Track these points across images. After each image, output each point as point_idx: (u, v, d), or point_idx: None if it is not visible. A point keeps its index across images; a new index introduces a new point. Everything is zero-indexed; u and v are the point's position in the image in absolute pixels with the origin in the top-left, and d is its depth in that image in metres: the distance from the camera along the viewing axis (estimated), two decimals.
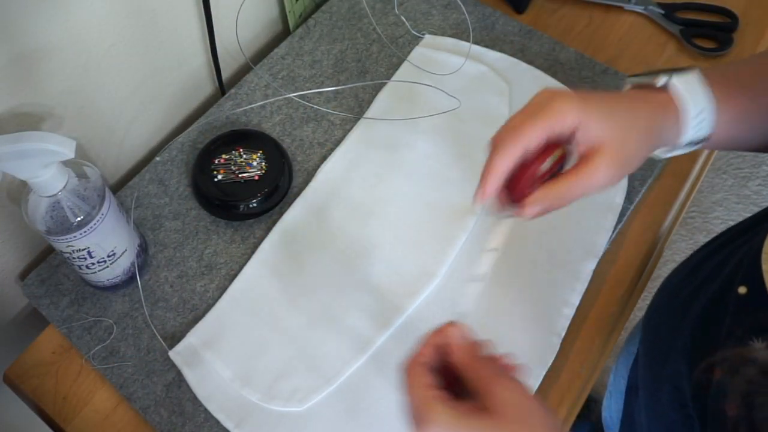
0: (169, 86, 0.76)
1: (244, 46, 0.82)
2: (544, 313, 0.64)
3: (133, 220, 0.66)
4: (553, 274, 0.66)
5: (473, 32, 0.84)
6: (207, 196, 0.70)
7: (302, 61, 0.82)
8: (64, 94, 0.63)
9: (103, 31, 0.63)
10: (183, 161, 0.74)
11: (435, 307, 0.65)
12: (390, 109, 0.77)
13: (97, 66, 0.64)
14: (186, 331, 0.64)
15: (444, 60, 0.81)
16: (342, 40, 0.84)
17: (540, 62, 0.81)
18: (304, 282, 0.66)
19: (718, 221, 1.26)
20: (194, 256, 0.69)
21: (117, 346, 0.64)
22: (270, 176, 0.71)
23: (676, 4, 0.86)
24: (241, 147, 0.72)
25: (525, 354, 0.62)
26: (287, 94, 0.79)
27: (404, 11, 0.86)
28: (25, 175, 0.51)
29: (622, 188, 0.72)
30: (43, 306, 0.66)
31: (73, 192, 0.55)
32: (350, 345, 0.63)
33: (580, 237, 0.68)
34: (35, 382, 0.64)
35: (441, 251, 0.68)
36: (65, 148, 0.50)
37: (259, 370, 0.62)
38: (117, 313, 0.66)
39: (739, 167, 1.15)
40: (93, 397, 0.63)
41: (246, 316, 0.64)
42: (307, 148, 0.76)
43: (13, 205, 0.63)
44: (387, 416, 0.60)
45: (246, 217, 0.70)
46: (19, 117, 0.59)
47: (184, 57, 0.76)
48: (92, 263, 0.61)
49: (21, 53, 0.56)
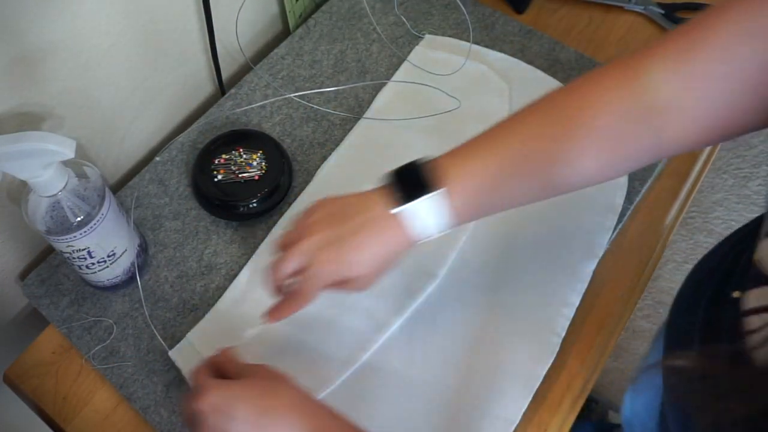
0: (169, 86, 0.76)
1: (244, 46, 0.82)
2: (544, 313, 0.64)
3: (133, 220, 0.66)
4: (554, 274, 0.66)
5: (473, 32, 0.84)
6: (207, 196, 0.70)
7: (302, 61, 0.82)
8: (64, 94, 0.62)
9: (103, 31, 0.63)
10: (183, 161, 0.74)
11: (435, 308, 0.65)
12: (390, 109, 0.77)
13: (97, 66, 0.64)
14: (186, 331, 0.64)
15: (444, 60, 0.81)
16: (342, 40, 0.84)
17: (540, 62, 0.81)
18: None
19: (719, 221, 1.26)
20: (194, 256, 0.69)
21: (117, 346, 0.64)
22: (270, 176, 0.71)
23: (676, 4, 0.86)
24: (241, 147, 0.72)
25: (525, 354, 0.62)
26: (287, 94, 0.79)
27: (404, 11, 0.86)
28: (25, 175, 0.51)
29: (622, 188, 0.71)
30: (43, 306, 0.66)
31: (73, 192, 0.55)
32: (350, 345, 0.63)
33: (580, 237, 0.68)
34: (35, 382, 0.64)
35: (441, 251, 0.68)
36: (65, 148, 0.50)
37: None
38: (117, 313, 0.66)
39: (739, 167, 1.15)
40: (93, 397, 0.63)
41: (246, 316, 0.64)
42: (307, 148, 0.76)
43: (13, 205, 0.63)
44: (387, 416, 0.60)
45: (246, 217, 0.70)
46: (20, 117, 0.59)
47: (184, 57, 0.76)
48: (92, 263, 0.61)
49: (21, 53, 0.56)
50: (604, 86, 0.49)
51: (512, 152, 0.51)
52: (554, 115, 0.51)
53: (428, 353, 0.63)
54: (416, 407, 0.60)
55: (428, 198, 0.50)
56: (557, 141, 0.50)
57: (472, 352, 0.63)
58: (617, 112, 0.49)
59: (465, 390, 0.61)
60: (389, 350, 0.63)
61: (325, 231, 0.53)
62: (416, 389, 0.61)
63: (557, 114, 0.51)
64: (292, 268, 0.53)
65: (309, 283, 0.53)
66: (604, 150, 0.50)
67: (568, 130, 0.50)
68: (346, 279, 0.54)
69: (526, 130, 0.51)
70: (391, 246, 0.53)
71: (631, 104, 0.48)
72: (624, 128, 0.49)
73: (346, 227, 0.52)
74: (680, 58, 0.47)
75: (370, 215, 0.52)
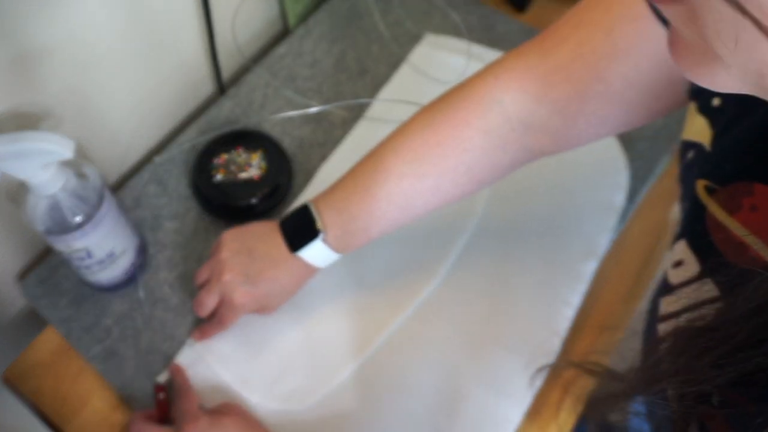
0: (169, 86, 0.76)
1: (244, 46, 0.82)
2: (544, 314, 0.64)
3: (132, 220, 0.66)
4: (554, 274, 0.66)
5: (473, 32, 0.84)
6: (207, 196, 0.70)
7: (302, 61, 0.82)
8: (63, 94, 0.62)
9: (103, 31, 0.63)
10: (183, 161, 0.74)
11: (435, 308, 0.65)
12: (390, 109, 0.77)
13: (97, 66, 0.64)
14: (186, 332, 0.64)
15: (444, 59, 0.81)
16: (342, 40, 0.84)
17: None
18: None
19: None
20: (194, 256, 0.69)
21: (117, 346, 0.64)
22: (270, 176, 0.70)
23: None
24: (241, 147, 0.72)
25: (525, 354, 0.62)
26: (287, 94, 0.79)
27: (404, 11, 0.86)
28: (24, 175, 0.51)
29: (623, 188, 0.71)
30: (43, 306, 0.66)
31: (72, 192, 0.55)
32: (349, 345, 0.63)
33: (581, 237, 0.68)
34: (34, 383, 0.64)
35: (441, 251, 0.68)
36: (64, 148, 0.50)
37: (259, 371, 0.62)
38: (117, 314, 0.66)
39: None
40: (93, 398, 0.63)
41: (245, 316, 0.64)
42: (307, 148, 0.75)
43: (12, 205, 0.63)
44: (387, 416, 0.60)
45: (246, 217, 0.70)
46: (19, 117, 0.59)
47: (184, 57, 0.75)
48: (92, 263, 0.61)
49: (21, 53, 0.56)
50: (463, 118, 0.53)
51: (374, 192, 0.56)
52: (416, 151, 0.55)
53: (428, 353, 0.63)
54: (416, 407, 0.60)
55: (312, 242, 0.57)
56: (417, 179, 0.55)
57: (473, 352, 0.63)
58: (476, 147, 0.53)
59: (465, 390, 0.61)
60: (389, 350, 0.63)
61: (236, 269, 0.59)
62: (416, 389, 0.61)
63: (418, 150, 0.55)
64: (214, 302, 0.61)
65: (229, 314, 0.60)
66: (461, 183, 0.55)
67: (427, 168, 0.55)
68: (259, 308, 0.61)
69: (391, 167, 0.55)
70: (296, 277, 0.60)
71: (490, 134, 0.53)
72: (483, 160, 0.54)
73: (255, 267, 0.59)
74: (528, 76, 0.51)
75: (275, 255, 0.59)
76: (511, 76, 0.52)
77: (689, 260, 0.39)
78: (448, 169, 0.54)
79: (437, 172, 0.55)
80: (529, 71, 0.51)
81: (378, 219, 0.57)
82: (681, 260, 0.40)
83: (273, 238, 0.59)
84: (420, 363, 0.62)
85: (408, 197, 0.56)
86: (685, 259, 0.39)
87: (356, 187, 0.57)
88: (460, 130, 0.53)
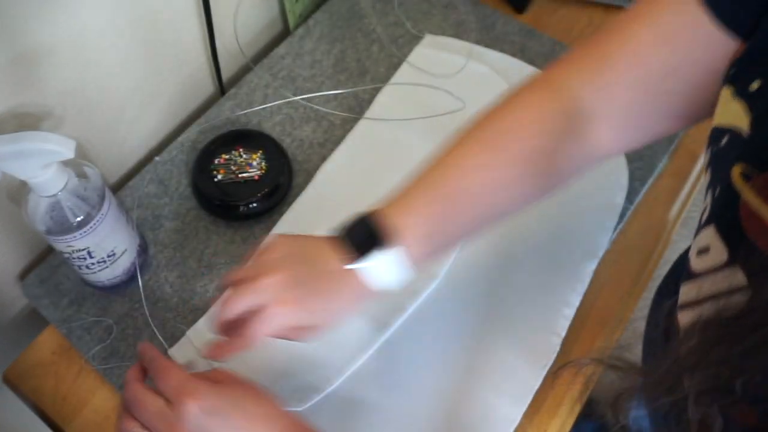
0: (169, 86, 0.76)
1: (244, 46, 0.82)
2: (544, 314, 0.64)
3: (133, 220, 0.66)
4: (554, 274, 0.66)
5: (473, 32, 0.84)
6: (207, 196, 0.70)
7: (302, 61, 0.82)
8: (64, 94, 0.62)
9: (103, 31, 0.63)
10: (183, 161, 0.74)
11: (435, 308, 0.65)
12: (390, 110, 0.77)
13: (97, 66, 0.64)
14: (186, 331, 0.64)
15: (444, 60, 0.81)
16: (342, 40, 0.84)
17: (540, 62, 0.80)
18: None
19: None
20: (194, 256, 0.69)
21: (117, 346, 0.64)
22: (270, 176, 0.70)
23: None
24: (241, 147, 0.72)
25: (525, 354, 0.62)
26: (287, 94, 0.79)
27: (404, 11, 0.86)
28: (25, 175, 0.51)
29: (622, 188, 0.71)
30: (43, 306, 0.66)
31: (73, 192, 0.55)
32: (350, 345, 0.63)
33: (580, 237, 0.68)
34: (35, 383, 0.64)
35: None
36: (65, 148, 0.50)
37: (259, 371, 0.62)
38: (117, 313, 0.66)
39: None
40: (93, 397, 0.63)
41: None
42: (307, 148, 0.75)
43: (13, 205, 0.63)
44: (387, 416, 0.60)
45: (246, 217, 0.70)
46: (19, 117, 0.59)
47: (184, 57, 0.75)
48: (92, 263, 0.61)
49: (21, 53, 0.56)
50: (528, 105, 0.51)
51: (452, 189, 0.50)
52: (485, 142, 0.52)
53: (428, 353, 0.63)
54: (416, 407, 0.60)
55: (383, 253, 0.49)
56: (492, 169, 0.51)
57: (473, 352, 0.63)
58: (544, 130, 0.51)
59: (465, 390, 0.61)
60: (389, 350, 0.63)
61: (286, 271, 0.49)
62: (416, 389, 0.61)
63: (488, 141, 0.52)
64: (248, 305, 0.49)
65: (261, 324, 0.48)
66: (537, 171, 0.51)
67: (500, 155, 0.51)
68: (302, 326, 0.51)
69: (462, 161, 0.51)
70: (354, 298, 0.51)
71: (556, 119, 0.51)
72: (553, 145, 0.51)
73: (311, 273, 0.49)
74: (594, 68, 0.49)
75: (330, 268, 0.50)
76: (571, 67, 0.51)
77: (717, 247, 0.38)
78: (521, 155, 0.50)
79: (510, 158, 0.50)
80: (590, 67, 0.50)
81: (457, 216, 0.51)
82: (707, 247, 0.39)
83: (328, 250, 0.50)
84: (420, 363, 0.62)
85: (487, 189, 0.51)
86: (712, 246, 0.38)
87: (426, 189, 0.51)
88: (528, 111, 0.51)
